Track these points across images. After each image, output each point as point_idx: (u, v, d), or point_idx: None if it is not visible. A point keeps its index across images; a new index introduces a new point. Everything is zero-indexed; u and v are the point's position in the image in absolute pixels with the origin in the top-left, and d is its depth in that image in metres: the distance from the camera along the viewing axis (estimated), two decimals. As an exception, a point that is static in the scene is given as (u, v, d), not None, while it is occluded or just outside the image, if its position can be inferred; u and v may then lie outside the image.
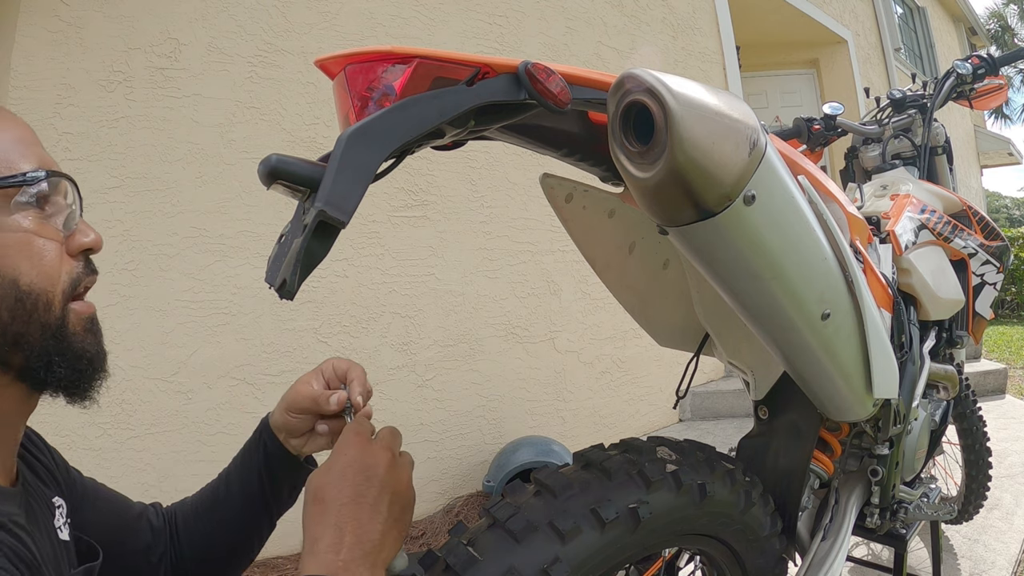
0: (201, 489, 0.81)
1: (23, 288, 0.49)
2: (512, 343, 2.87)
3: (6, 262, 0.48)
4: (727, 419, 3.51)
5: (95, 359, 0.55)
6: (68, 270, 0.53)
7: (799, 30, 6.00)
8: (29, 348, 0.50)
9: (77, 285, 0.54)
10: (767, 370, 0.93)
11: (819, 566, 0.95)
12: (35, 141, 0.54)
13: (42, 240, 0.51)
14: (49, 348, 0.51)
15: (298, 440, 0.75)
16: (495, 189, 2.92)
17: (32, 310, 0.50)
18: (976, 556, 1.91)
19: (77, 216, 0.55)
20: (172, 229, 2.03)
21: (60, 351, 0.52)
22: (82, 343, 0.54)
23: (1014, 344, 5.38)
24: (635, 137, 0.54)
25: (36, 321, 0.50)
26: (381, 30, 2.60)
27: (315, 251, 0.44)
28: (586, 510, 0.67)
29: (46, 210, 0.52)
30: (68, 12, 1.88)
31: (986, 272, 1.40)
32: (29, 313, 0.49)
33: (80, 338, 0.54)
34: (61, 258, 0.53)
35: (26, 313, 0.49)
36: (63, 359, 0.52)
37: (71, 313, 0.53)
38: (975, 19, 11.84)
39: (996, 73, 1.59)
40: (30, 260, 0.50)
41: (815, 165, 0.83)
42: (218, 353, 2.10)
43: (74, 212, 0.55)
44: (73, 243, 0.54)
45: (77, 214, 0.55)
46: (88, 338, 0.55)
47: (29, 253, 0.50)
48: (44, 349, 0.51)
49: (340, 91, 0.53)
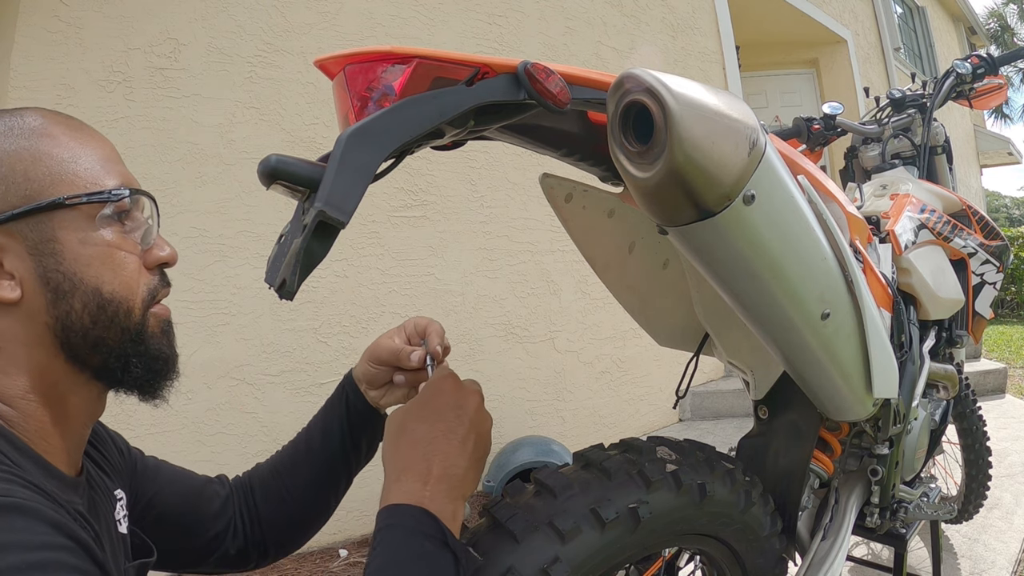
0: (277, 452, 0.84)
1: (105, 296, 0.53)
2: (512, 343, 2.87)
3: (90, 272, 0.52)
4: (727, 419, 3.51)
5: (169, 360, 0.58)
6: (146, 282, 0.57)
7: (799, 30, 6.00)
8: (108, 351, 0.54)
9: (155, 295, 0.57)
10: (767, 370, 0.93)
11: (819, 566, 0.95)
12: (118, 159, 0.58)
13: (123, 253, 0.54)
14: (128, 350, 0.54)
15: (377, 391, 0.79)
16: (495, 189, 2.92)
17: (113, 316, 0.53)
18: (976, 555, 1.91)
19: (155, 232, 0.59)
20: (172, 229, 2.03)
21: (137, 353, 0.55)
22: (159, 345, 0.57)
23: (1014, 344, 5.38)
24: (635, 137, 0.54)
25: (117, 326, 0.53)
26: (381, 30, 2.60)
27: (315, 251, 0.44)
28: (586, 510, 0.67)
29: (126, 225, 0.55)
30: (67, 12, 1.88)
31: (986, 271, 1.40)
32: (111, 319, 0.53)
33: (157, 340, 0.57)
34: (140, 271, 0.56)
35: (107, 319, 0.53)
36: (140, 360, 0.55)
37: (151, 317, 0.57)
38: (975, 19, 11.84)
39: (996, 72, 1.59)
40: (112, 271, 0.53)
41: (815, 165, 0.83)
42: (218, 353, 2.10)
43: (152, 228, 0.58)
44: (151, 257, 0.58)
45: (155, 230, 0.59)
46: (164, 340, 0.58)
47: (112, 264, 0.53)
48: (123, 351, 0.54)
49: (340, 91, 0.53)
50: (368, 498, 2.32)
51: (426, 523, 0.53)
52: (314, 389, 2.27)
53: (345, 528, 2.26)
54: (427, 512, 0.53)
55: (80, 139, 0.55)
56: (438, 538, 0.53)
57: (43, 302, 0.51)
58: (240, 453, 2.10)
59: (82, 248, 0.52)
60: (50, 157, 0.52)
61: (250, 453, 2.11)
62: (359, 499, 2.32)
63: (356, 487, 0.83)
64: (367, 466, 0.83)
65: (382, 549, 0.51)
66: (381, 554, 0.51)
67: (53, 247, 0.51)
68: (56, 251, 0.51)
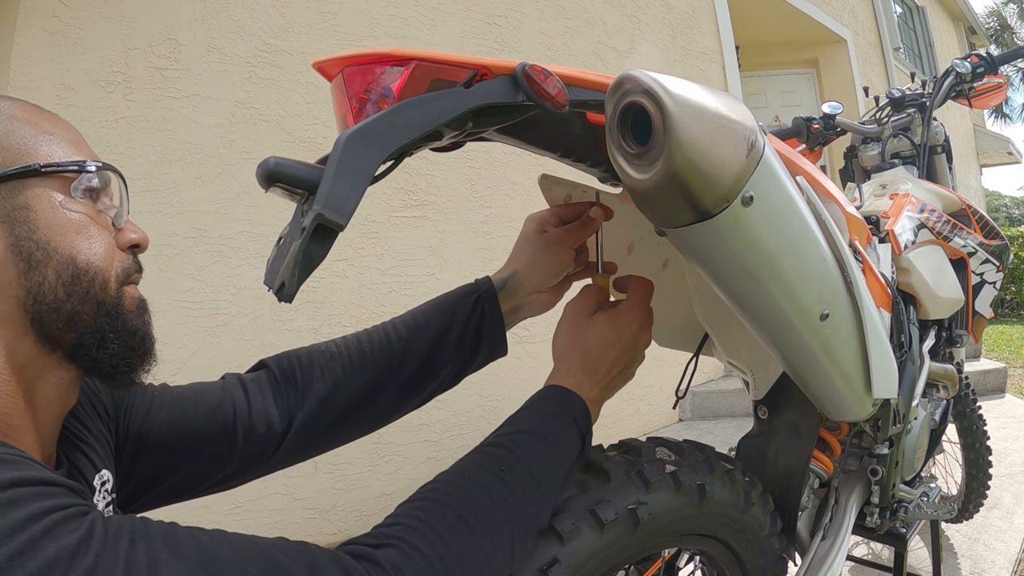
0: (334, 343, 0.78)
1: (80, 266, 0.50)
2: (512, 343, 2.84)
3: (64, 240, 0.50)
4: (727, 419, 3.51)
5: (147, 337, 0.56)
6: (120, 260, 0.55)
7: (799, 30, 6.00)
8: (83, 326, 0.51)
9: (129, 275, 0.56)
10: (766, 370, 0.93)
11: (819, 566, 0.95)
12: (87, 144, 0.57)
13: (98, 226, 0.53)
14: (103, 325, 0.52)
15: (535, 296, 0.83)
16: (495, 189, 2.92)
17: (89, 287, 0.51)
18: (976, 555, 1.91)
19: (125, 215, 0.57)
20: (172, 229, 2.03)
21: (114, 328, 0.53)
22: (135, 320, 0.55)
23: (1014, 343, 5.38)
24: (633, 138, 0.54)
25: (92, 299, 0.51)
26: (381, 30, 2.60)
27: (313, 254, 0.44)
28: (585, 511, 0.67)
29: (99, 203, 0.54)
30: (67, 12, 1.88)
31: (986, 271, 1.40)
32: (86, 290, 0.51)
33: (134, 315, 0.55)
34: (113, 248, 0.54)
35: (83, 290, 0.50)
36: (116, 335, 0.53)
37: (125, 294, 0.55)
38: (974, 18, 11.84)
39: (995, 72, 1.60)
40: (87, 240, 0.51)
41: (814, 165, 0.83)
42: (218, 353, 2.10)
43: (122, 212, 0.57)
44: (123, 238, 0.56)
45: (125, 213, 0.57)
46: (140, 317, 0.56)
47: (87, 235, 0.52)
48: (98, 326, 0.52)
49: (338, 93, 0.53)
50: (368, 498, 2.33)
51: (578, 408, 0.65)
52: (314, 389, 2.27)
53: (346, 528, 2.26)
54: (583, 401, 0.66)
55: (51, 120, 0.55)
56: (581, 425, 0.64)
57: (14, 273, 0.48)
58: (240, 453, 2.09)
59: (56, 216, 0.50)
60: (23, 130, 0.51)
61: (250, 453, 2.10)
62: (358, 499, 2.33)
63: (356, 488, 0.83)
64: (363, 466, 0.83)
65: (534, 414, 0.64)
66: (530, 415, 0.63)
67: (26, 215, 0.49)
68: (30, 219, 0.49)
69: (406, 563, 0.45)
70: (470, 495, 0.52)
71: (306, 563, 0.43)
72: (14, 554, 0.33)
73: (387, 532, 0.48)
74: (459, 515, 0.50)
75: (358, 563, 0.45)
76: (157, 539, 0.39)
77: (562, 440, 0.62)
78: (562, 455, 0.61)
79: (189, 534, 0.41)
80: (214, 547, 0.41)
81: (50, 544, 0.34)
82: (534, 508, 0.57)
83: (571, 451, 0.63)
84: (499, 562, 0.52)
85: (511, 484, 0.55)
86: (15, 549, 0.33)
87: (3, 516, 0.34)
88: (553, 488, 0.60)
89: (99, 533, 0.37)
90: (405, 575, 0.45)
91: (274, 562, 0.42)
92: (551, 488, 0.60)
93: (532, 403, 0.65)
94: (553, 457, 0.60)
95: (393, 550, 0.46)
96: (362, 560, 0.45)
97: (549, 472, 0.59)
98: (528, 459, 0.58)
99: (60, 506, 0.37)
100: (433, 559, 0.47)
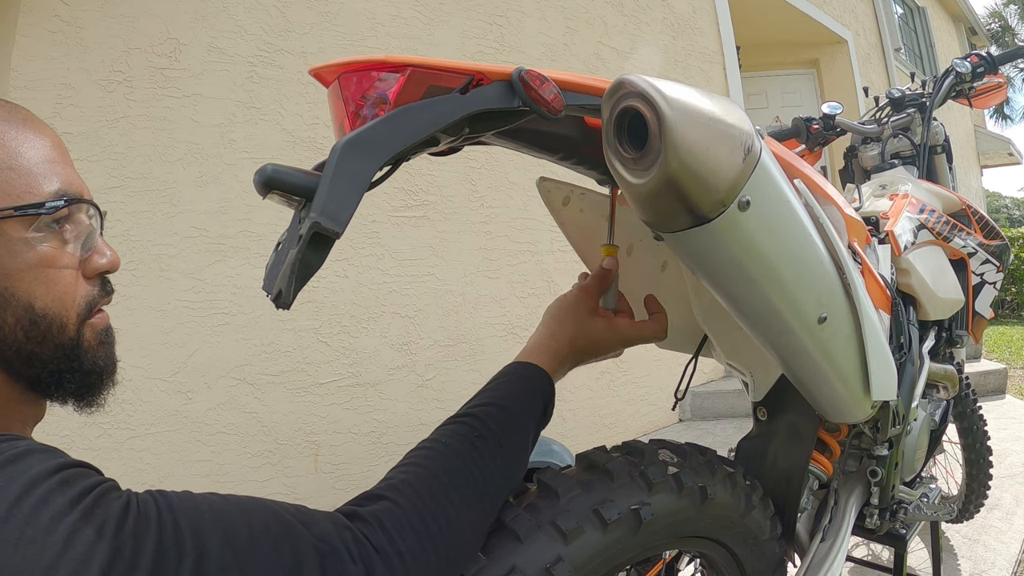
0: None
1: (38, 312, 0.50)
2: (512, 343, 2.87)
3: (22, 286, 0.49)
4: (727, 419, 3.51)
5: (104, 372, 0.56)
6: (84, 293, 0.54)
7: (799, 30, 5.99)
8: (41, 365, 0.52)
9: (92, 307, 0.55)
10: (766, 371, 0.93)
11: (818, 567, 0.95)
12: (62, 157, 0.54)
13: (57, 268, 0.52)
14: (61, 366, 0.52)
15: None
16: (495, 189, 2.92)
17: (46, 331, 0.51)
18: (976, 556, 1.91)
19: (96, 236, 0.56)
20: (172, 229, 2.03)
21: (71, 369, 0.53)
22: (94, 358, 0.55)
23: (1014, 344, 5.37)
24: (629, 143, 0.54)
25: (50, 341, 0.51)
26: (381, 30, 2.60)
27: (310, 261, 0.44)
28: (589, 511, 0.67)
29: (66, 230, 0.53)
30: (68, 12, 1.88)
31: (986, 271, 1.40)
32: (43, 334, 0.51)
33: (93, 353, 0.55)
34: (77, 282, 0.53)
35: (40, 334, 0.51)
36: (73, 375, 0.53)
37: (87, 329, 0.54)
38: (975, 19, 11.81)
39: (995, 71, 1.59)
40: (46, 285, 0.51)
41: (812, 167, 0.83)
42: (218, 353, 2.10)
43: (94, 232, 0.55)
44: (90, 266, 0.55)
45: (96, 234, 0.56)
46: (101, 351, 0.56)
47: (45, 279, 0.51)
48: (56, 367, 0.52)
49: (335, 100, 0.53)
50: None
51: (546, 387, 0.72)
52: (314, 389, 2.27)
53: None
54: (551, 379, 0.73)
55: (20, 137, 0.52)
56: (547, 400, 0.72)
57: None
58: (240, 453, 2.10)
59: (14, 261, 0.49)
60: None
61: (250, 453, 2.11)
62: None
63: (356, 488, 0.81)
64: (363, 466, 0.83)
65: (509, 388, 0.70)
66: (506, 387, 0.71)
67: None
68: None
69: (388, 516, 0.53)
70: (445, 458, 0.60)
71: (301, 516, 0.49)
72: (77, 520, 0.39)
73: (374, 493, 0.57)
74: (434, 475, 0.58)
75: (348, 520, 0.52)
76: (174, 499, 0.45)
77: (529, 415, 0.69)
78: (528, 426, 0.69)
79: (200, 495, 0.47)
80: (221, 503, 0.47)
81: (100, 511, 0.40)
82: (500, 471, 0.64)
83: (538, 424, 0.71)
84: (471, 518, 0.59)
85: (481, 450, 0.62)
86: (77, 518, 0.39)
87: (62, 494, 0.40)
88: (519, 453, 0.67)
89: (133, 497, 0.43)
90: (387, 527, 0.52)
91: (273, 512, 0.48)
92: (517, 454, 0.67)
93: (509, 378, 0.72)
94: (518, 429, 0.67)
95: (377, 506, 0.54)
96: (352, 518, 0.52)
97: (512, 444, 0.66)
98: (498, 430, 0.65)
99: (99, 482, 0.43)
100: (411, 513, 0.54)
